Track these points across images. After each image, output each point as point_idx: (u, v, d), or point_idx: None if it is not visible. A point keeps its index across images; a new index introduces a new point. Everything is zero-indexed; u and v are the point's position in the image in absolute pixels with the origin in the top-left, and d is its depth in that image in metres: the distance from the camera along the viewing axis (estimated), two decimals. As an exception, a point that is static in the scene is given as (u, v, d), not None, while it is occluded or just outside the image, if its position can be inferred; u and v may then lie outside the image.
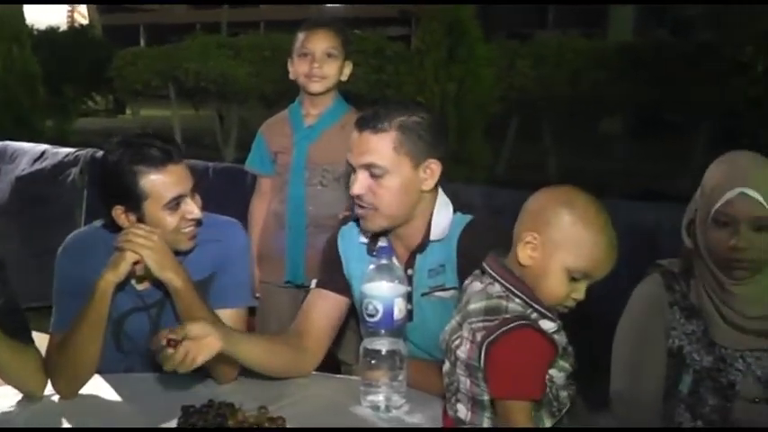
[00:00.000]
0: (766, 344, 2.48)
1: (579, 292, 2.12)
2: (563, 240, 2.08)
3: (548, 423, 2.08)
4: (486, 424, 2.12)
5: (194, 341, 2.31)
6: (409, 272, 2.69)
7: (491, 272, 2.15)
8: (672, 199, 2.61)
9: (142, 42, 30.16)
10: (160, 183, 2.64)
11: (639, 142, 13.41)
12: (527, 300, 2.09)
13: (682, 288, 2.58)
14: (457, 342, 2.14)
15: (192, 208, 2.70)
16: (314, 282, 2.85)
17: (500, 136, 12.14)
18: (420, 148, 2.59)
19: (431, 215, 2.67)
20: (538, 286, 2.11)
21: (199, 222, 2.73)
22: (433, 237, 2.67)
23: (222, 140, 14.62)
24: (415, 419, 2.40)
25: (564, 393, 2.12)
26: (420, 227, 2.68)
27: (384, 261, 2.47)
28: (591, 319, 3.25)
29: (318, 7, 28.55)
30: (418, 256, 2.69)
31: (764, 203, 2.38)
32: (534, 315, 2.09)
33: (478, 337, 2.07)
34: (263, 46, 13.70)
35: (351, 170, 2.66)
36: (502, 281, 2.12)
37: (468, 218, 2.67)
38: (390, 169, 2.57)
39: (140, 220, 2.66)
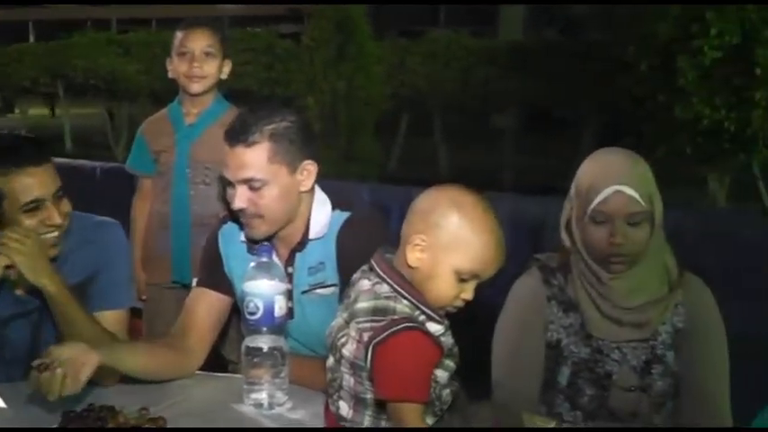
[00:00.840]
0: (641, 335, 2.55)
1: (468, 293, 2.13)
2: (451, 243, 2.08)
3: (429, 422, 2.10)
4: (367, 422, 2.13)
5: (70, 362, 2.26)
6: (289, 270, 2.70)
7: (379, 271, 2.15)
8: (560, 194, 2.64)
9: (31, 39, 29.49)
10: (17, 184, 2.55)
11: (530, 138, 13.60)
12: (415, 302, 2.10)
13: (559, 282, 2.62)
14: (343, 340, 2.14)
15: (52, 213, 2.59)
16: (195, 280, 2.84)
17: (391, 133, 12.21)
18: (293, 153, 2.60)
19: (309, 214, 2.70)
20: (426, 287, 2.11)
21: (62, 228, 2.64)
22: (312, 235, 2.68)
23: (113, 139, 14.41)
24: (298, 416, 2.39)
25: (447, 391, 2.14)
26: (299, 226, 2.69)
27: (264, 259, 2.46)
28: (475, 311, 3.30)
29: (211, 5, 28.28)
30: (298, 255, 2.71)
31: (638, 199, 2.45)
32: (422, 317, 2.09)
33: (365, 337, 2.07)
34: (153, 43, 13.56)
35: (227, 183, 2.65)
36: (390, 282, 2.12)
37: (347, 215, 2.69)
38: (269, 180, 2.57)
39: (0, 220, 2.59)
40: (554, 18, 21.16)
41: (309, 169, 2.65)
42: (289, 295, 2.62)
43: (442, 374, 2.11)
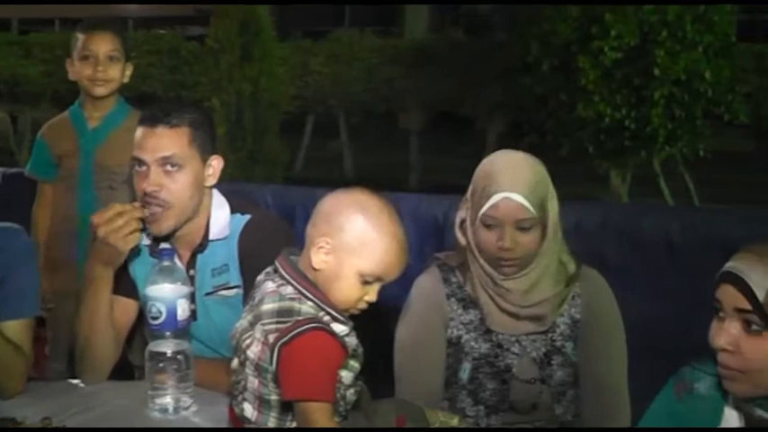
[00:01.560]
0: (539, 327, 2.61)
1: (371, 295, 2.14)
2: (356, 246, 2.09)
3: (335, 421, 2.10)
4: (271, 423, 2.13)
5: None
6: (191, 272, 2.69)
7: (284, 273, 2.14)
8: (463, 193, 2.68)
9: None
10: None
11: (435, 138, 13.69)
12: (319, 303, 2.10)
13: (458, 280, 2.66)
14: (248, 342, 2.13)
15: None
16: None
17: (297, 134, 12.19)
18: (206, 144, 2.64)
19: (209, 216, 2.70)
20: (330, 289, 2.12)
21: None
22: (212, 236, 2.69)
23: (15, 144, 14.11)
24: (203, 419, 2.38)
25: (351, 391, 2.15)
26: (200, 227, 2.70)
27: (166, 263, 2.45)
28: (379, 308, 3.31)
29: (114, 5, 27.84)
30: (199, 256, 2.71)
31: (528, 206, 2.49)
32: (326, 318, 2.10)
33: (271, 338, 2.07)
34: (54, 44, 13.29)
35: (136, 169, 2.62)
36: (294, 283, 2.12)
37: (247, 217, 2.71)
38: (185, 163, 2.59)
39: None
40: (459, 18, 21.34)
41: (215, 165, 2.68)
42: (192, 298, 2.62)
43: (346, 375, 2.11)
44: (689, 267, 3.37)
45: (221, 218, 2.70)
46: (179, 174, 2.58)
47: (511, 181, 2.50)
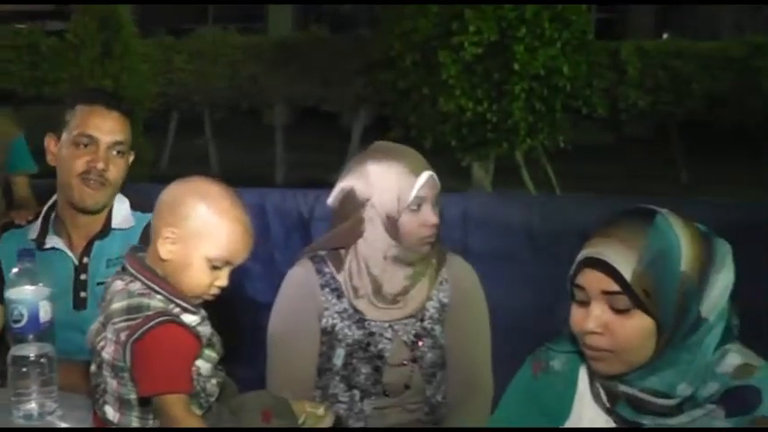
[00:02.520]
0: (410, 313, 2.68)
1: (222, 280, 2.15)
2: (201, 232, 2.10)
3: (198, 413, 2.09)
4: (134, 423, 2.11)
5: None
6: (84, 260, 2.75)
7: (131, 270, 2.13)
8: (329, 186, 2.71)
9: None
10: None
11: (301, 133, 13.70)
12: (168, 295, 2.09)
13: (331, 270, 2.70)
14: (102, 343, 2.11)
15: None
16: None
17: (162, 131, 12.04)
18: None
19: (111, 206, 2.82)
20: (181, 278, 2.12)
21: None
22: (115, 224, 2.78)
23: None
24: (68, 423, 2.33)
25: (212, 382, 2.14)
26: (102, 216, 2.80)
27: (27, 264, 2.39)
28: (249, 302, 3.31)
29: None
30: (97, 244, 2.76)
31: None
32: (176, 310, 2.09)
33: (122, 336, 2.05)
34: None
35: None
36: (142, 278, 2.11)
37: (150, 215, 2.69)
38: (126, 151, 2.78)
39: None
40: (322, 16, 21.38)
41: (130, 160, 2.84)
42: (83, 286, 2.70)
43: (203, 365, 2.11)
44: (549, 253, 3.47)
45: (123, 209, 2.81)
46: (121, 160, 2.76)
47: (422, 161, 2.64)
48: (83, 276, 2.75)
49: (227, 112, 12.68)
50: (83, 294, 2.68)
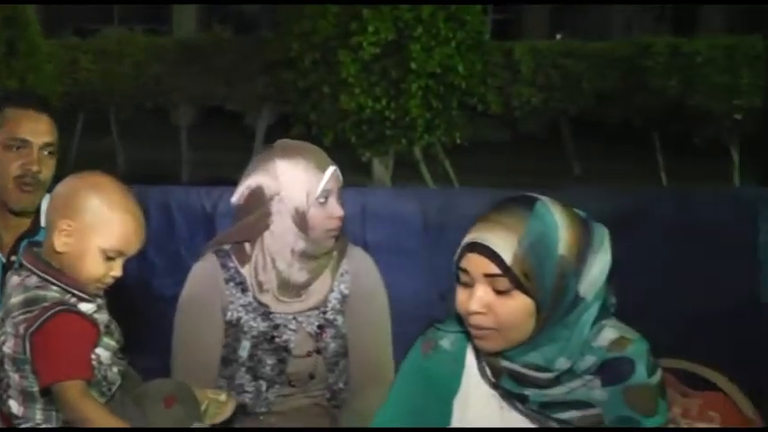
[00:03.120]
0: (314, 304, 2.72)
1: (116, 270, 2.19)
2: (95, 224, 2.15)
3: (101, 401, 2.12)
4: (38, 416, 2.13)
5: None
6: (12, 258, 2.75)
7: (27, 264, 2.17)
8: (233, 184, 2.74)
9: None
10: None
11: (206, 132, 13.61)
12: (63, 286, 2.13)
13: (235, 265, 2.72)
14: (2, 338, 2.13)
15: None
16: None
17: (68, 132, 11.86)
18: None
19: (39, 206, 2.82)
20: (77, 269, 2.15)
21: None
22: (43, 223, 2.71)
23: None
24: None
25: (113, 370, 2.17)
26: (31, 214, 2.84)
27: None
28: (155, 295, 3.33)
29: None
30: (25, 241, 2.73)
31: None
32: (73, 299, 2.13)
33: (21, 329, 2.08)
34: None
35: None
36: (37, 271, 2.14)
37: None
38: (55, 152, 2.81)
39: None
40: (227, 17, 21.26)
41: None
42: None
43: (103, 353, 2.15)
44: (441, 243, 3.55)
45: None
46: (51, 160, 2.78)
47: (325, 156, 2.69)
48: None
49: (133, 112, 12.54)
50: None
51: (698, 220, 3.75)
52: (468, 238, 1.90)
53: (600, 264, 1.91)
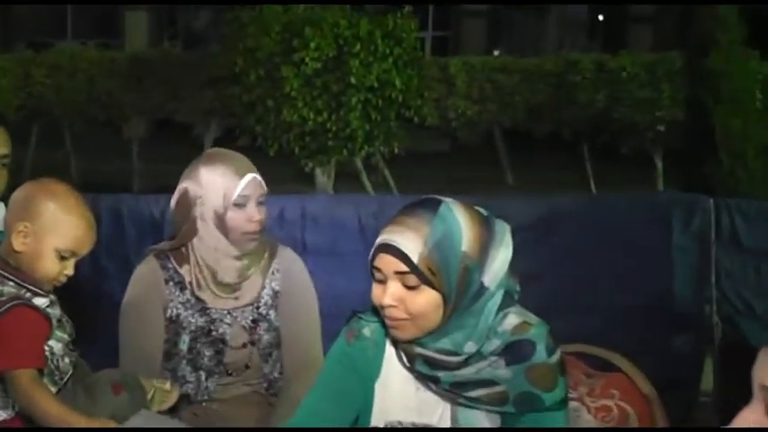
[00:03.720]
0: (248, 301, 2.84)
1: (69, 269, 2.32)
2: (50, 226, 2.27)
3: (53, 390, 2.23)
4: None
5: None
6: None
7: None
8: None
9: None
10: None
11: (157, 144, 13.59)
12: (19, 282, 2.26)
13: (173, 265, 2.84)
14: None
15: None
16: None
17: (23, 144, 11.81)
18: None
19: None
20: (33, 268, 2.28)
21: None
22: (0, 227, 2.77)
23: None
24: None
25: (66, 361, 2.29)
26: None
27: None
28: (105, 298, 3.41)
29: None
30: None
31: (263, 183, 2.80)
32: (28, 294, 2.25)
33: None
34: None
35: None
36: None
37: None
38: (8, 162, 2.95)
39: None
40: (177, 32, 21.20)
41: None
42: None
43: (56, 345, 2.27)
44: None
45: (2, 211, 2.81)
46: (5, 171, 2.92)
47: (247, 164, 2.79)
48: None
49: (86, 125, 12.51)
50: None
51: (617, 222, 3.89)
52: (380, 240, 2.04)
53: (502, 257, 2.04)
